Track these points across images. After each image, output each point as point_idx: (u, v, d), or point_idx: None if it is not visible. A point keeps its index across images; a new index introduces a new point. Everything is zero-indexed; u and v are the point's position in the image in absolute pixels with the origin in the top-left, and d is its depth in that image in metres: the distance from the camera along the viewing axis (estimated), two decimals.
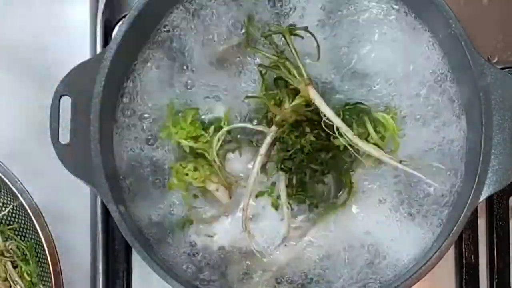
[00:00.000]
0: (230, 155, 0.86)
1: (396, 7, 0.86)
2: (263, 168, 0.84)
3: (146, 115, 0.87)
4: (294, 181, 0.84)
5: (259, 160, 0.83)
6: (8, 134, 0.92)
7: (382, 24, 0.87)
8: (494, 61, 0.95)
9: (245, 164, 0.86)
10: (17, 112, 0.96)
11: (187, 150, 0.86)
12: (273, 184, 0.85)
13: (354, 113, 0.84)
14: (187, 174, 0.85)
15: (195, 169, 0.85)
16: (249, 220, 0.84)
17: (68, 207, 0.88)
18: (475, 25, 0.91)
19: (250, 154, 0.86)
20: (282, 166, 0.83)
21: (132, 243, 0.82)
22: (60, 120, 0.82)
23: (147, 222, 0.87)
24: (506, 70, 0.91)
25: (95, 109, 0.82)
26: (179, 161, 0.86)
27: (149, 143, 0.87)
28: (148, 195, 0.87)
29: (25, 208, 0.84)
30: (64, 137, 0.82)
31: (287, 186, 0.84)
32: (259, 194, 0.86)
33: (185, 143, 0.85)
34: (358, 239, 0.86)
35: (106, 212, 0.92)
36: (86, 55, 0.95)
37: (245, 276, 0.86)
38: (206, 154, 0.85)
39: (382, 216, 0.86)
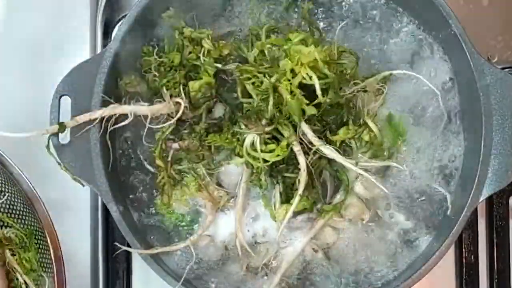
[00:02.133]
0: (225, 164, 0.86)
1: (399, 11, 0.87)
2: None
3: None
4: (281, 188, 0.84)
5: (245, 173, 0.84)
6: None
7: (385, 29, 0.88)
8: (494, 61, 0.95)
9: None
10: (17, 111, 0.96)
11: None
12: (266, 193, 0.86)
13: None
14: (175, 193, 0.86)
15: (182, 187, 0.86)
16: (242, 232, 0.85)
17: (68, 208, 0.88)
18: (475, 25, 0.91)
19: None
20: (272, 173, 0.83)
21: (132, 243, 0.82)
22: (60, 120, 0.82)
23: (147, 221, 0.87)
24: (506, 70, 0.91)
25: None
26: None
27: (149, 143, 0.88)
28: (148, 194, 0.88)
29: (23, 194, 0.84)
30: (64, 137, 0.82)
31: (280, 193, 0.84)
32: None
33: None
34: (358, 239, 0.86)
35: (106, 212, 0.92)
36: (86, 55, 0.95)
37: (246, 276, 0.86)
38: (193, 172, 0.85)
39: (381, 217, 0.86)
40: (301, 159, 0.80)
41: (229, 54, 0.86)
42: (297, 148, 0.81)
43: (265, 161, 0.81)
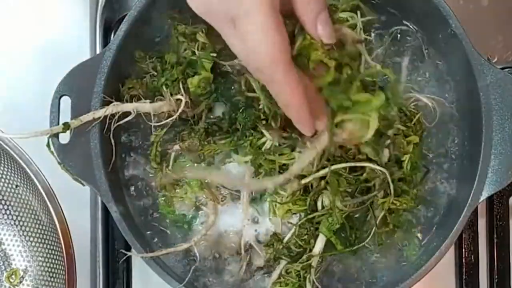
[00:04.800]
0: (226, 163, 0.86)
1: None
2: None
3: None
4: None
5: (249, 172, 0.84)
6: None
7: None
8: (494, 61, 0.95)
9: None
10: (17, 112, 0.96)
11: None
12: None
13: None
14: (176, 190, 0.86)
15: (183, 186, 0.86)
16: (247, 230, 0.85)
17: (68, 208, 0.87)
18: (475, 25, 0.91)
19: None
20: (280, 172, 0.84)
21: (132, 243, 0.82)
22: (60, 120, 0.82)
23: (147, 221, 0.87)
24: (506, 70, 0.91)
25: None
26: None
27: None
28: (148, 194, 0.88)
29: (38, 191, 0.84)
30: (64, 137, 0.82)
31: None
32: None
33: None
34: None
35: (106, 212, 0.92)
36: (86, 55, 0.95)
37: (246, 276, 0.86)
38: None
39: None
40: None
41: (223, 48, 0.86)
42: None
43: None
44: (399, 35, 0.87)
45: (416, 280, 0.81)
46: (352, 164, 0.80)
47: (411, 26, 0.87)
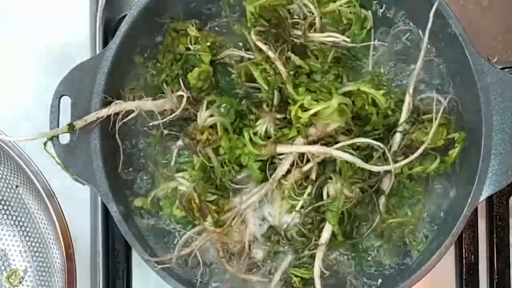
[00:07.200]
0: None
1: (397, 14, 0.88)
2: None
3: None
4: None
5: None
6: (8, 133, 0.92)
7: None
8: (494, 61, 0.95)
9: None
10: (17, 111, 0.96)
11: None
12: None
13: None
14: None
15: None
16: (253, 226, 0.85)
17: (68, 208, 0.88)
18: (475, 25, 0.91)
19: None
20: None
21: (132, 244, 0.82)
22: (60, 120, 0.82)
23: (147, 221, 0.87)
24: (506, 70, 0.91)
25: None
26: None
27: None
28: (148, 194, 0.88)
29: (38, 191, 0.85)
30: (64, 137, 0.82)
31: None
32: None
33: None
34: None
35: (106, 212, 0.92)
36: (86, 55, 0.95)
37: (247, 275, 0.86)
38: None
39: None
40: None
41: (215, 42, 0.86)
42: None
43: None
44: (399, 35, 0.88)
45: (416, 280, 0.81)
46: (351, 142, 0.79)
47: (411, 26, 0.88)
